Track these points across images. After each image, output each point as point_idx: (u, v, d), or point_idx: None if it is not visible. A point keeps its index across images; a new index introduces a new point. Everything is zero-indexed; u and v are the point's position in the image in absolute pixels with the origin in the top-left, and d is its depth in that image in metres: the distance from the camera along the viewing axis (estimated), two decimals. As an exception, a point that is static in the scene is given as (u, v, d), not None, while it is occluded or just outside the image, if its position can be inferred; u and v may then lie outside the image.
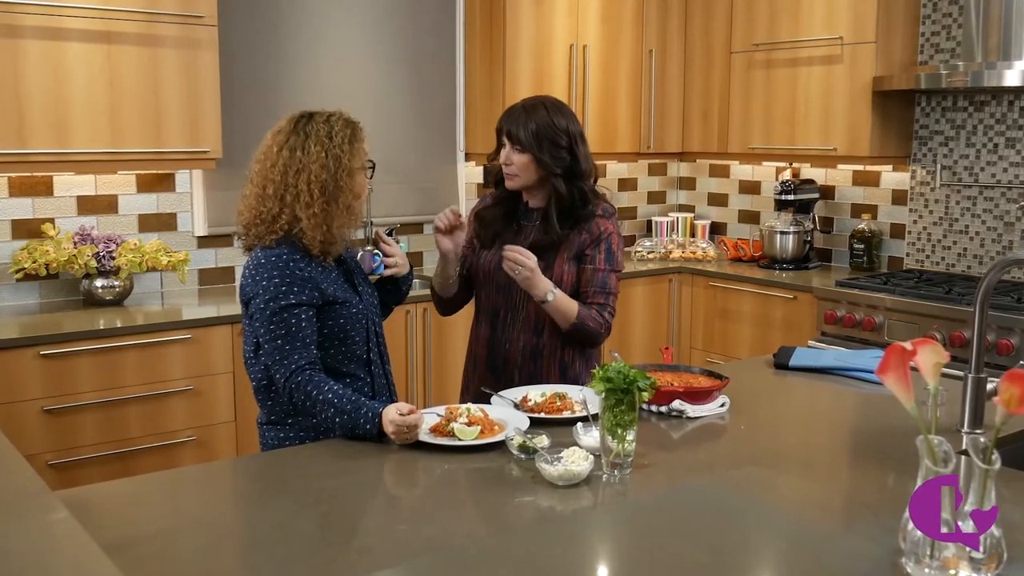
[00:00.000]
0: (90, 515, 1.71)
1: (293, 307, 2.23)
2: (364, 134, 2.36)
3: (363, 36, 4.53)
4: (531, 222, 2.72)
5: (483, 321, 2.78)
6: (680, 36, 5.17)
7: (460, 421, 2.15)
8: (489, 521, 1.81)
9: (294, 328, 2.22)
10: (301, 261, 2.27)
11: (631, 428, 1.95)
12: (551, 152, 2.63)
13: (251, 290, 2.27)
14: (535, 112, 2.64)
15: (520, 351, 2.70)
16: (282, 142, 2.30)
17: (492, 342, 2.74)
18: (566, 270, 2.66)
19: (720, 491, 1.91)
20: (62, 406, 3.35)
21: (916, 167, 4.63)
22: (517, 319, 2.71)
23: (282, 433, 2.34)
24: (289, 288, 2.23)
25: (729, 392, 2.50)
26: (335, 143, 2.28)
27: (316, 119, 2.32)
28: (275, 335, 2.22)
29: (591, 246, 2.67)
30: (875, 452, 2.18)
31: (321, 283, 2.28)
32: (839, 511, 1.90)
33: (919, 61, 4.54)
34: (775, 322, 4.54)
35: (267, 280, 2.24)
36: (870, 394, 2.63)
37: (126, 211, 4.01)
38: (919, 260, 4.66)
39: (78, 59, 3.51)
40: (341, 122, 2.33)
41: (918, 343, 1.48)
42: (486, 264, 2.73)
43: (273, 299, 2.23)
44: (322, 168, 2.26)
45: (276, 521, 1.76)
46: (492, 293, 2.75)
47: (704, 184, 5.67)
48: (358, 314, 2.35)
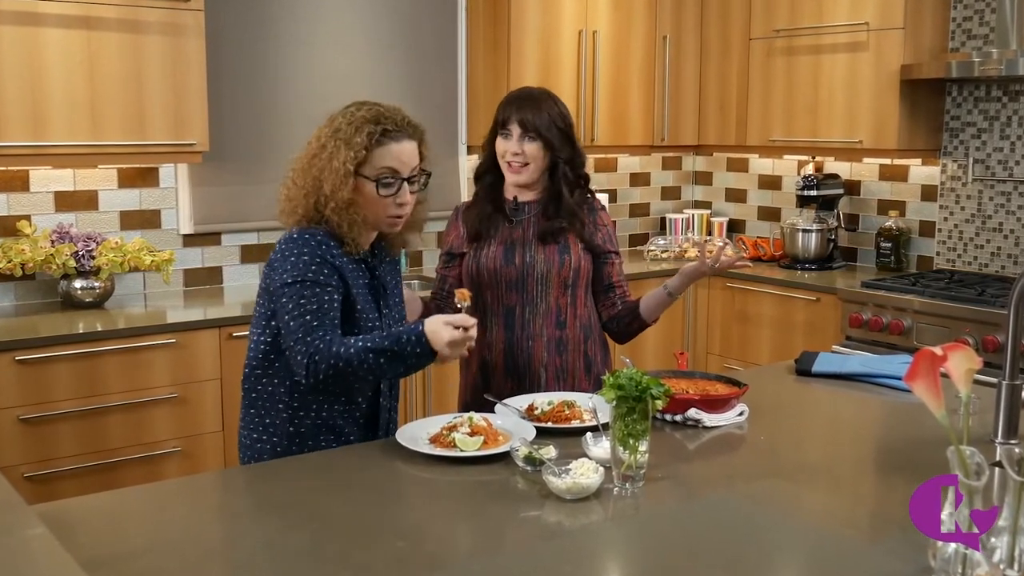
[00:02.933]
0: (69, 531, 1.71)
1: (323, 284, 2.21)
2: (393, 140, 2.26)
3: (359, 20, 4.53)
4: (524, 216, 2.76)
5: (494, 325, 2.75)
6: (696, 21, 5.16)
7: (462, 431, 2.16)
8: (493, 537, 1.81)
9: (325, 305, 2.20)
10: (335, 248, 2.26)
11: (644, 438, 1.94)
12: (562, 141, 2.71)
13: (278, 263, 2.25)
14: (544, 100, 2.71)
15: (545, 346, 2.73)
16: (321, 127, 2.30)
17: (511, 344, 2.73)
18: (582, 256, 2.75)
19: (738, 506, 1.91)
20: (39, 415, 3.35)
21: (947, 161, 4.63)
22: (537, 312, 2.73)
23: (256, 435, 2.33)
24: (320, 268, 2.22)
25: (748, 400, 2.50)
26: (340, 136, 2.24)
27: (351, 107, 2.30)
28: (304, 309, 2.19)
29: (608, 241, 2.81)
30: (903, 464, 2.18)
31: (348, 277, 2.26)
32: (865, 527, 1.89)
33: (950, 48, 4.53)
34: (797, 326, 4.53)
35: (296, 257, 2.23)
36: (898, 402, 2.63)
37: (107, 208, 4.02)
38: (950, 260, 4.65)
39: (55, 46, 3.51)
40: (361, 118, 2.26)
41: (949, 348, 1.48)
42: (490, 262, 2.73)
43: (302, 273, 2.20)
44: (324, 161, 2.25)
45: (266, 537, 1.76)
46: (502, 292, 2.74)
47: (721, 179, 5.67)
48: (372, 331, 2.30)
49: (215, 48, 4.04)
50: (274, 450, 2.31)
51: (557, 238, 2.73)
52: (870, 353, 3.67)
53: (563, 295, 2.74)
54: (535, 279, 2.71)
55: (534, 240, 2.73)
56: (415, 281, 4.61)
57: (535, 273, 2.71)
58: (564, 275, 2.73)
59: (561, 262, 2.72)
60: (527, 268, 2.71)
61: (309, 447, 2.29)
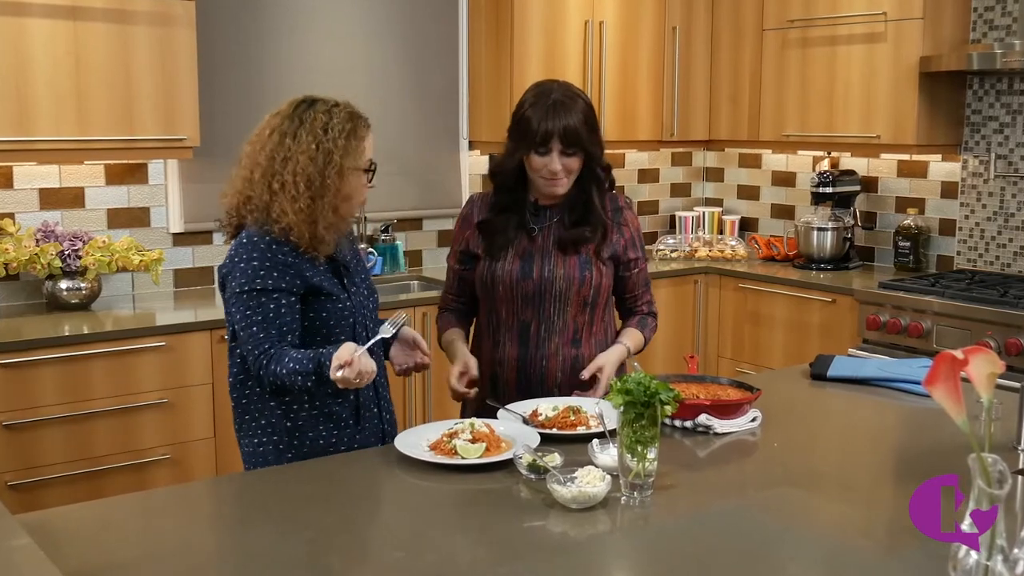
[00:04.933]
0: (54, 542, 1.71)
1: (271, 292, 2.26)
2: (369, 132, 2.37)
3: (356, 9, 4.54)
4: (545, 222, 2.68)
5: (507, 340, 2.69)
6: (707, 11, 5.17)
7: (463, 437, 2.16)
8: (495, 548, 1.81)
9: (271, 314, 2.26)
10: (285, 246, 2.30)
11: (652, 445, 1.94)
12: (594, 142, 2.61)
13: (228, 271, 2.32)
14: (574, 101, 2.58)
15: (560, 366, 2.67)
16: (275, 125, 2.34)
17: (524, 361, 2.67)
18: (604, 272, 2.68)
19: (751, 515, 1.91)
20: (23, 421, 3.35)
21: (968, 156, 4.62)
22: (553, 331, 2.67)
23: (256, 439, 2.38)
24: (268, 272, 2.27)
25: (761, 406, 2.50)
26: (329, 136, 2.29)
27: (317, 107, 2.34)
28: (251, 320, 2.27)
29: (631, 247, 2.73)
30: (922, 472, 2.17)
31: (305, 271, 2.31)
32: (882, 538, 1.89)
33: (971, 39, 4.53)
34: (812, 328, 4.53)
35: (245, 262, 2.28)
36: (917, 408, 2.63)
37: (94, 205, 4.03)
38: (971, 259, 4.65)
39: (41, 38, 3.52)
40: (343, 115, 2.34)
41: (970, 351, 1.48)
42: (506, 276, 2.65)
43: (250, 281, 2.27)
44: (310, 161, 2.28)
45: (259, 548, 1.76)
46: (518, 307, 2.67)
47: (733, 175, 5.66)
48: (344, 310, 2.38)
49: (207, 39, 4.05)
50: (276, 448, 2.36)
51: (579, 248, 2.65)
52: (888, 357, 3.66)
53: (581, 313, 2.68)
54: (553, 296, 2.64)
55: (553, 250, 2.65)
56: (415, 281, 4.61)
57: (553, 290, 2.63)
58: (584, 294, 2.66)
59: (582, 279, 2.64)
60: (545, 284, 2.63)
61: (310, 439, 2.35)
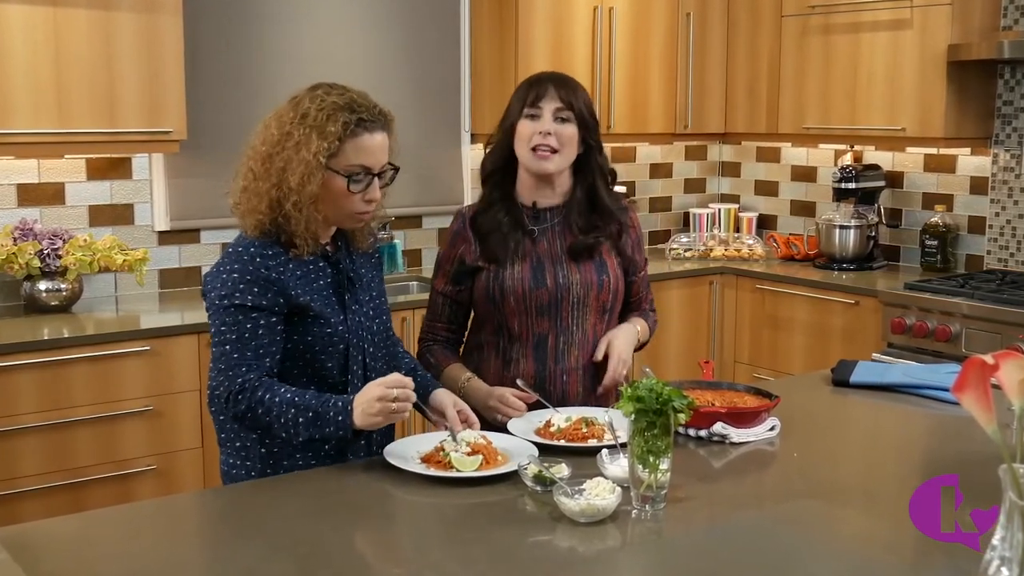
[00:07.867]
0: (32, 557, 1.71)
1: (249, 309, 2.20)
2: (368, 133, 2.25)
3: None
4: (547, 225, 2.64)
5: (521, 357, 2.62)
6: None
7: (460, 450, 2.15)
8: (499, 564, 1.80)
9: (247, 334, 2.20)
10: (272, 259, 2.23)
11: (665, 456, 1.94)
12: (595, 128, 2.63)
13: (211, 281, 2.26)
14: (577, 84, 2.62)
15: (580, 381, 2.63)
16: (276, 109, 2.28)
17: (542, 378, 2.60)
18: (619, 275, 2.68)
19: (769, 529, 1.91)
20: (0, 429, 3.36)
21: (998, 150, 4.62)
22: (572, 343, 2.62)
23: (232, 460, 2.34)
24: (248, 287, 2.20)
25: (779, 414, 2.49)
26: (309, 123, 2.20)
27: (319, 90, 2.24)
28: (224, 338, 2.21)
29: (637, 249, 2.74)
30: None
31: (292, 288, 2.23)
32: (907, 552, 1.89)
33: (1002, 26, 4.53)
34: (833, 332, 4.53)
35: (227, 273, 2.23)
36: (944, 415, 2.63)
37: (74, 202, 4.03)
38: (1002, 259, 4.65)
39: (18, 25, 3.52)
40: (331, 104, 2.21)
41: (1001, 356, 1.47)
42: (517, 285, 2.58)
43: (228, 296, 2.21)
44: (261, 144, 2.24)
45: (248, 564, 1.76)
46: (531, 319, 2.60)
47: (750, 170, 5.67)
48: (333, 335, 2.28)
49: (194, 27, 4.05)
50: (249, 475, 2.30)
51: (592, 253, 2.62)
52: (914, 362, 3.66)
53: (600, 321, 2.65)
54: (570, 303, 2.59)
55: (564, 256, 2.61)
56: (414, 282, 4.61)
57: (571, 297, 2.59)
58: (604, 299, 2.63)
59: (600, 284, 2.61)
60: (561, 291, 2.58)
61: (284, 468, 2.28)
